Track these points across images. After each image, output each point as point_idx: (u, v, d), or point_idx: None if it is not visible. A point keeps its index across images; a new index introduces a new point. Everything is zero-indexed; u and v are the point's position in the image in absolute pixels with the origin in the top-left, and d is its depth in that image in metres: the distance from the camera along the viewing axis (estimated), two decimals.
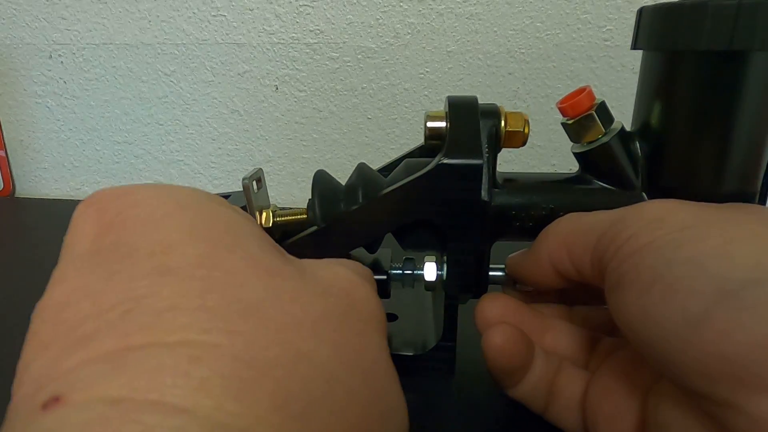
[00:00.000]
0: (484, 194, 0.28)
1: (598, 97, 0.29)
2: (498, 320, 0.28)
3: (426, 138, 0.31)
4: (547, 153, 0.64)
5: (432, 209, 0.29)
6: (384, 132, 0.67)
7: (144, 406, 0.12)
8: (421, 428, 0.29)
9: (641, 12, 0.28)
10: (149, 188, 0.19)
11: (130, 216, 0.18)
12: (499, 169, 0.31)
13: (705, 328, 0.17)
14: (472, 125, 0.29)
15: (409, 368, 0.33)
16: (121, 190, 0.19)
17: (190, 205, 0.19)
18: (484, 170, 0.28)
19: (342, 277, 0.21)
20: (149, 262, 0.16)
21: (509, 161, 0.63)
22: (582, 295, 0.30)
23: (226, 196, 0.35)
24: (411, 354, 0.33)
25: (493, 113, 0.29)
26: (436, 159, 0.28)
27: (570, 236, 0.25)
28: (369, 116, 0.66)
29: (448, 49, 0.62)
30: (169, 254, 0.16)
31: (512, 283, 0.31)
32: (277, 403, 0.14)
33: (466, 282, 0.30)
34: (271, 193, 0.33)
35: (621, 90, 0.61)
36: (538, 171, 0.47)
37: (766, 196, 0.29)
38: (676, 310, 0.18)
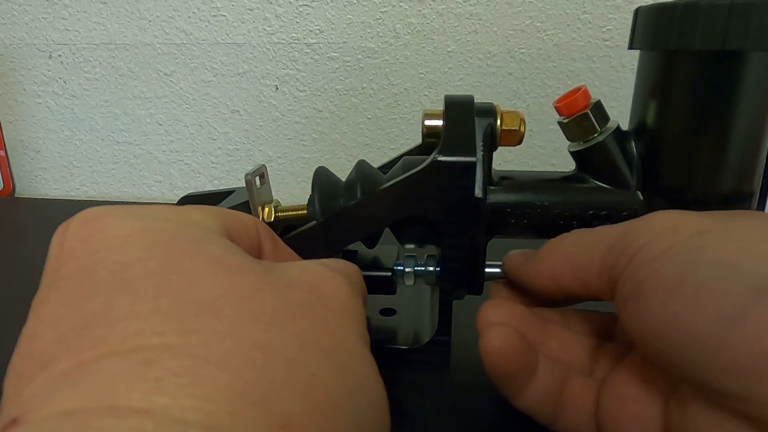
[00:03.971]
0: (478, 191, 0.28)
1: (597, 96, 0.29)
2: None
3: (423, 136, 0.31)
4: (547, 153, 0.64)
5: (427, 205, 0.29)
6: (384, 132, 0.67)
7: (98, 413, 0.13)
8: (413, 421, 0.29)
9: (637, 12, 0.28)
10: (116, 212, 0.19)
11: (95, 241, 0.18)
12: (498, 168, 0.31)
13: (743, 326, 0.17)
14: (467, 123, 0.29)
15: (405, 361, 0.33)
16: (91, 215, 0.19)
17: (153, 227, 0.19)
18: (479, 168, 0.28)
19: (310, 271, 0.21)
20: (107, 280, 0.17)
21: (509, 161, 0.63)
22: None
23: (229, 192, 0.36)
24: (406, 348, 0.33)
25: (488, 112, 0.29)
26: (431, 156, 0.29)
27: (575, 252, 0.25)
28: (369, 116, 0.66)
29: (448, 49, 0.62)
30: (127, 270, 0.17)
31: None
32: (234, 392, 0.14)
33: (460, 278, 0.30)
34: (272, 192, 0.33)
35: (621, 90, 0.61)
36: (537, 171, 0.47)
37: (766, 197, 0.29)
38: (709, 311, 0.18)
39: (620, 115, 0.30)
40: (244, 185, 0.31)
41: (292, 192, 0.71)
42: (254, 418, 0.14)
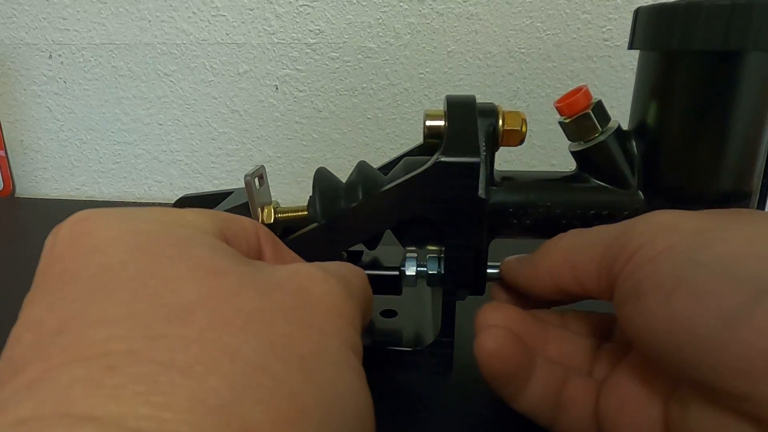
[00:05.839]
0: (481, 192, 0.28)
1: (597, 96, 0.29)
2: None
3: (425, 137, 0.31)
4: (547, 153, 0.64)
5: (430, 207, 0.29)
6: (384, 132, 0.67)
7: (50, 421, 0.12)
8: (417, 423, 0.29)
9: (637, 12, 0.28)
10: (106, 214, 0.19)
11: (82, 243, 0.18)
12: (498, 168, 0.31)
13: (744, 326, 0.17)
14: (469, 124, 0.29)
15: (407, 363, 0.33)
16: (82, 216, 0.19)
17: (140, 229, 0.19)
18: (482, 168, 0.28)
19: (301, 274, 0.21)
20: (88, 283, 0.17)
21: (509, 161, 0.63)
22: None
23: (227, 194, 0.36)
24: (409, 349, 0.33)
25: (490, 112, 0.29)
26: (434, 157, 0.28)
27: (573, 251, 0.25)
28: (369, 116, 0.66)
29: (448, 49, 0.62)
30: (108, 273, 0.17)
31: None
32: (194, 399, 0.14)
33: (463, 278, 0.30)
34: (271, 193, 0.33)
35: (621, 90, 0.61)
36: (538, 171, 0.48)
37: (766, 196, 0.29)
38: (709, 310, 0.18)
39: (620, 115, 0.30)
40: (243, 186, 0.31)
41: (292, 192, 0.71)
42: (211, 425, 0.13)
